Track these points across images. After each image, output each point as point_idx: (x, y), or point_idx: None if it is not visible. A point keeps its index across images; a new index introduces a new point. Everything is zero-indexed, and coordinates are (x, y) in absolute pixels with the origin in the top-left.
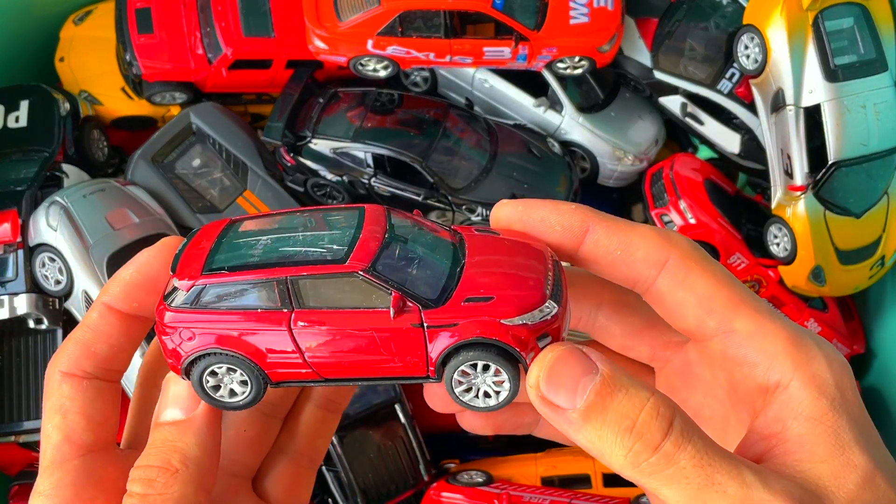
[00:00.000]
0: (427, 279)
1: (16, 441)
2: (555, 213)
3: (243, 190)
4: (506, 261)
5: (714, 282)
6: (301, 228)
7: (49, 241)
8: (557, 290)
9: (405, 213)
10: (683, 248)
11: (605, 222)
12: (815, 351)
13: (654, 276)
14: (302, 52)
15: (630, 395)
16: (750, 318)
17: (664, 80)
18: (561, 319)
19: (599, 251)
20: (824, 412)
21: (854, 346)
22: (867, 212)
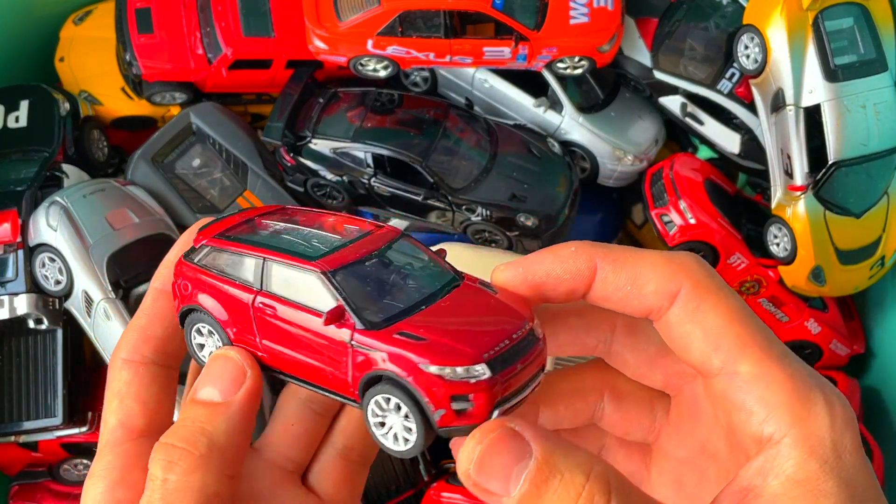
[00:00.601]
0: (383, 305)
1: (16, 441)
2: (559, 263)
3: (243, 190)
4: (473, 313)
5: (725, 316)
6: (317, 228)
7: (49, 241)
8: (510, 359)
9: (424, 246)
10: (696, 277)
11: (612, 257)
12: (818, 406)
13: (666, 307)
14: (302, 52)
15: (565, 481)
16: (756, 360)
17: (664, 80)
18: (489, 390)
19: (609, 288)
20: (810, 475)
21: (854, 346)
22: (867, 212)
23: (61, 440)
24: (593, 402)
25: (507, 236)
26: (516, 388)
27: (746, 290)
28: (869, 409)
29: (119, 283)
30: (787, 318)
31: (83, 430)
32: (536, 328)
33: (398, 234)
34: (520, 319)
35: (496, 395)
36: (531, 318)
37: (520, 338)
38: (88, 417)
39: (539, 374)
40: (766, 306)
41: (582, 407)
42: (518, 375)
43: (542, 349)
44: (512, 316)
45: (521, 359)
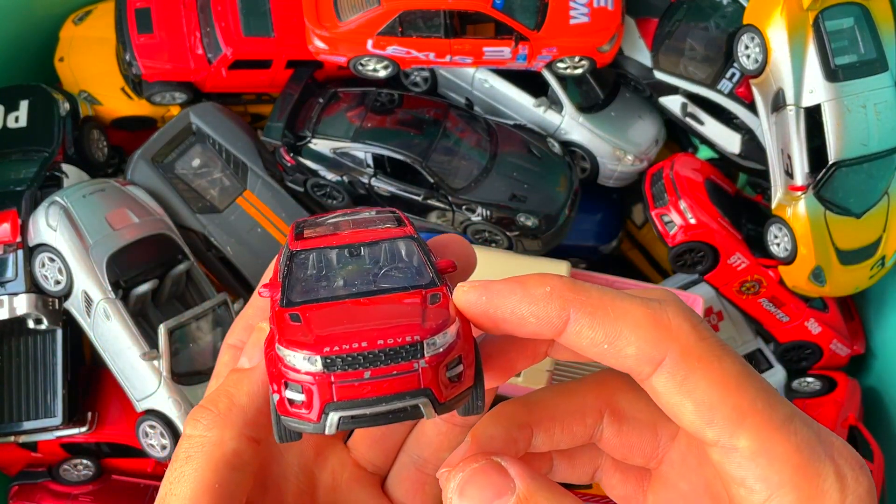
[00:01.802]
0: (314, 289)
1: (16, 441)
2: (527, 303)
3: (243, 190)
4: (379, 315)
5: (720, 386)
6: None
7: (49, 241)
8: (356, 364)
9: (425, 251)
10: (683, 342)
11: (588, 309)
12: (827, 482)
13: (648, 373)
14: (302, 52)
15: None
16: (756, 433)
17: (664, 80)
18: (316, 385)
19: (583, 342)
20: None
21: (854, 346)
22: (867, 212)
23: (61, 440)
24: (592, 425)
25: (507, 236)
26: (360, 399)
27: (746, 291)
28: (869, 409)
29: (119, 284)
30: (788, 318)
31: (83, 431)
32: (429, 348)
33: (400, 235)
34: (410, 332)
35: (325, 394)
36: (431, 333)
37: (385, 346)
38: (88, 417)
39: (409, 397)
40: (767, 306)
41: (579, 430)
42: (364, 385)
43: (419, 371)
44: (407, 327)
45: (377, 368)
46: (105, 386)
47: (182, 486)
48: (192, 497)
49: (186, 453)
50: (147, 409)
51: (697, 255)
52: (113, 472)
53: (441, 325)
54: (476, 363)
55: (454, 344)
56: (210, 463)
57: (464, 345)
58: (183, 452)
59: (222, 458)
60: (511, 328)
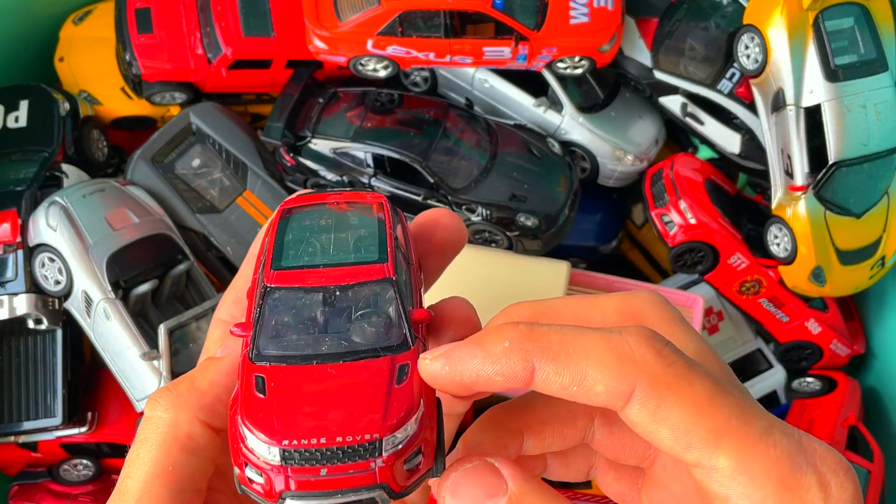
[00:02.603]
0: (285, 341)
1: (15, 441)
2: (489, 363)
3: (243, 190)
4: (341, 394)
5: (693, 409)
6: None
7: (49, 241)
8: (313, 460)
9: (399, 300)
10: (650, 372)
11: (551, 355)
12: (811, 491)
13: (621, 406)
14: (302, 52)
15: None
16: (734, 451)
17: (664, 80)
18: (275, 476)
19: (553, 388)
20: None
21: (854, 346)
22: (868, 212)
23: (61, 440)
24: (583, 428)
25: (508, 236)
26: (316, 492)
27: (746, 291)
28: (869, 409)
29: (119, 284)
30: (788, 318)
31: (83, 431)
32: (388, 446)
33: (379, 278)
34: (370, 429)
35: (282, 484)
36: (392, 430)
37: (344, 444)
38: (88, 417)
39: (364, 491)
40: (767, 306)
41: (570, 433)
42: (321, 481)
43: (375, 470)
44: (368, 422)
45: (334, 466)
46: (105, 386)
47: (137, 468)
48: (146, 479)
49: (143, 434)
50: None
51: (697, 255)
52: (113, 472)
53: (403, 417)
54: (438, 436)
55: (414, 436)
56: (164, 445)
57: (425, 430)
58: (140, 434)
59: (176, 441)
60: (482, 388)
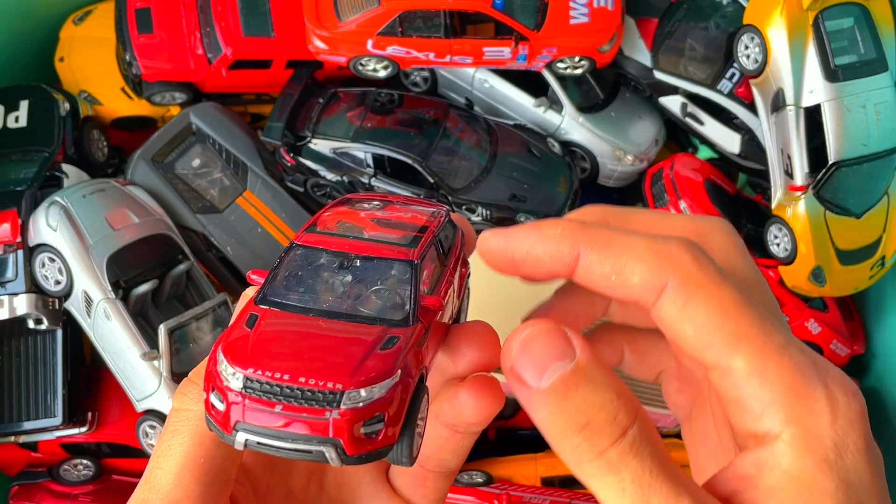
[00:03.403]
0: (292, 293)
1: (16, 441)
2: (541, 244)
3: (243, 190)
4: (326, 347)
5: (718, 311)
6: (387, 215)
7: (49, 241)
8: (271, 394)
9: (415, 285)
10: (684, 270)
11: (596, 244)
12: (818, 401)
13: (653, 301)
14: (302, 52)
15: (595, 391)
16: (751, 355)
17: (664, 80)
18: (232, 400)
19: (594, 277)
20: (807, 472)
21: (854, 346)
22: (867, 212)
23: (61, 440)
24: (615, 362)
25: None
26: (268, 429)
27: None
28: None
29: (119, 284)
30: (788, 318)
31: (83, 431)
32: (348, 401)
33: (400, 258)
34: (336, 377)
35: (238, 413)
36: (357, 385)
37: (305, 386)
38: (88, 417)
39: (316, 442)
40: None
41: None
42: (274, 416)
43: (329, 421)
44: (336, 371)
45: (289, 405)
46: (105, 386)
47: (168, 459)
48: (177, 471)
49: (173, 427)
50: (147, 409)
51: None
52: (113, 472)
53: (374, 377)
54: (407, 420)
55: (381, 400)
56: (196, 437)
57: (393, 400)
58: (170, 426)
59: (208, 433)
60: (528, 269)
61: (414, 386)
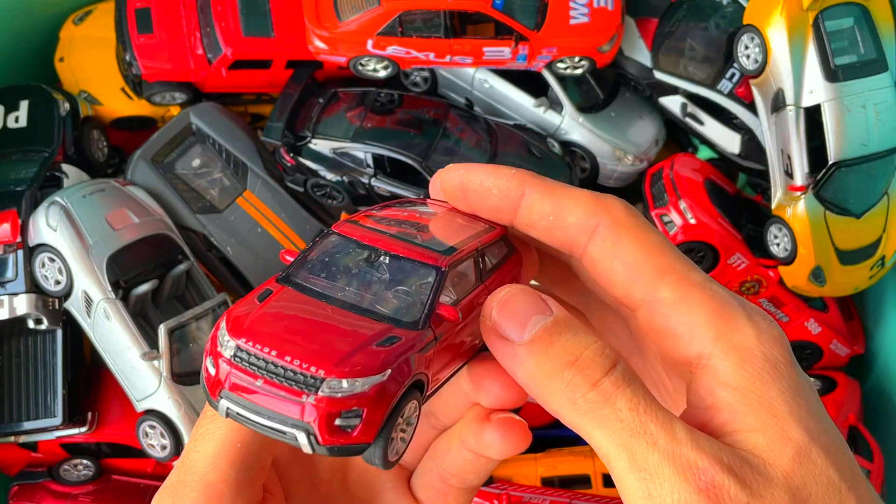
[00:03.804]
0: (313, 277)
1: (16, 441)
2: (492, 177)
3: (243, 190)
4: (327, 329)
5: (644, 248)
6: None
7: (49, 241)
8: (257, 366)
9: (436, 292)
10: (615, 214)
11: (542, 186)
12: (741, 321)
13: (585, 243)
14: (302, 52)
15: (577, 336)
16: (676, 286)
17: (664, 80)
18: (222, 364)
19: (534, 216)
20: (751, 382)
21: (854, 346)
22: (867, 212)
23: (61, 440)
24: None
25: None
26: (247, 402)
27: (747, 291)
28: (869, 409)
29: (119, 284)
30: (788, 318)
31: (83, 431)
32: (327, 388)
33: (428, 263)
34: (321, 363)
35: (224, 378)
36: (340, 375)
37: (289, 365)
38: (88, 417)
39: (289, 424)
40: (767, 306)
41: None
42: (254, 391)
43: (304, 404)
44: (325, 357)
45: (270, 381)
46: (105, 386)
47: (205, 443)
48: (214, 454)
49: (212, 411)
50: (147, 409)
51: (697, 256)
52: (113, 472)
53: (360, 370)
54: (387, 422)
55: (362, 395)
56: (233, 422)
57: (375, 398)
58: (208, 410)
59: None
60: (476, 199)
61: (403, 390)
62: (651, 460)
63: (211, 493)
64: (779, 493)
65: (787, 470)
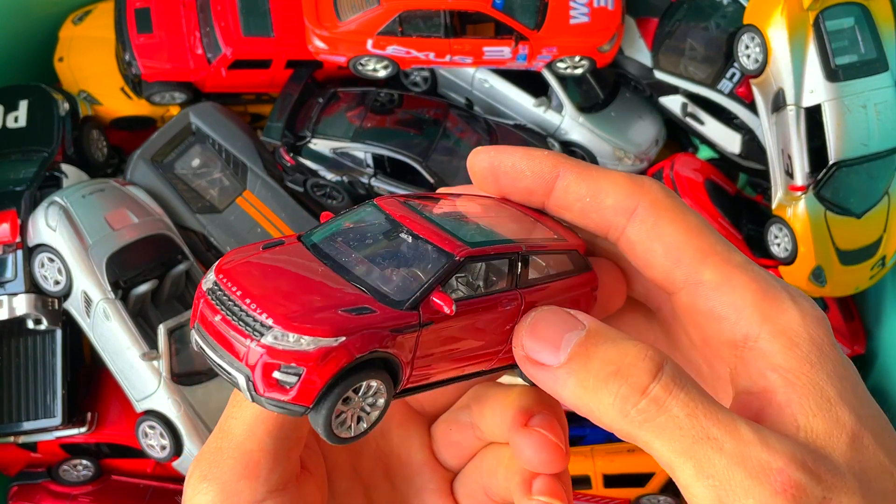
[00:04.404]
0: (334, 245)
1: (15, 441)
2: (525, 159)
3: (243, 190)
4: (325, 292)
5: (684, 230)
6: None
7: (48, 241)
8: (225, 312)
9: (435, 275)
10: (654, 195)
11: (576, 168)
12: (786, 303)
13: (623, 224)
14: (302, 52)
15: (616, 344)
16: (718, 268)
17: (664, 79)
18: (196, 297)
19: (570, 197)
20: (800, 365)
21: (854, 346)
22: (868, 212)
23: (60, 440)
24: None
25: None
26: (206, 334)
27: None
28: None
29: (118, 284)
30: None
31: (82, 431)
32: (271, 336)
33: (445, 249)
34: (277, 313)
35: (197, 309)
36: (288, 328)
37: (247, 308)
38: (88, 418)
39: (234, 365)
40: None
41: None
42: (212, 325)
43: (248, 348)
44: (285, 310)
45: (226, 318)
46: (105, 386)
47: (243, 410)
48: (251, 422)
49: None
50: (147, 409)
51: None
52: (113, 472)
53: (310, 329)
54: (327, 391)
55: (304, 353)
56: None
57: (318, 361)
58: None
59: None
60: (509, 182)
61: (354, 362)
62: (719, 466)
63: (248, 460)
64: (849, 482)
65: (847, 457)
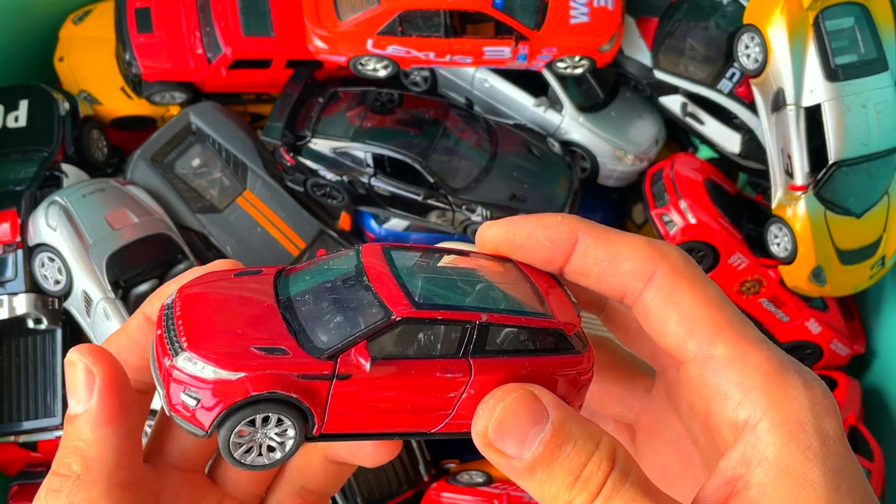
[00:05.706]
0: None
1: (15, 441)
2: (541, 228)
3: (243, 190)
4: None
5: (701, 301)
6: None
7: (48, 240)
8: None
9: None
10: (673, 262)
11: (594, 232)
12: (797, 389)
13: (640, 289)
14: (302, 51)
15: (577, 448)
16: (731, 343)
17: (664, 79)
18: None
19: (588, 262)
20: (793, 461)
21: (854, 346)
22: (868, 212)
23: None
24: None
25: None
26: (154, 344)
27: (747, 290)
28: (869, 409)
29: (118, 283)
30: (788, 318)
31: None
32: (180, 359)
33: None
34: (192, 340)
35: (156, 322)
36: (196, 356)
37: (178, 329)
38: None
39: (157, 376)
40: (767, 306)
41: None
42: (157, 339)
43: (166, 367)
44: (208, 335)
45: (160, 337)
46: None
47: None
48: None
49: None
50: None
51: (698, 255)
52: None
53: (215, 360)
54: (222, 420)
55: (204, 381)
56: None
57: (214, 392)
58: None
59: None
60: (528, 252)
61: (248, 398)
62: None
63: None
64: None
65: None
